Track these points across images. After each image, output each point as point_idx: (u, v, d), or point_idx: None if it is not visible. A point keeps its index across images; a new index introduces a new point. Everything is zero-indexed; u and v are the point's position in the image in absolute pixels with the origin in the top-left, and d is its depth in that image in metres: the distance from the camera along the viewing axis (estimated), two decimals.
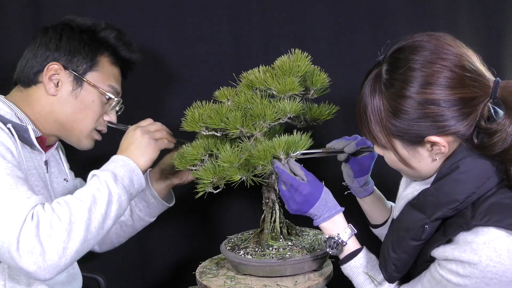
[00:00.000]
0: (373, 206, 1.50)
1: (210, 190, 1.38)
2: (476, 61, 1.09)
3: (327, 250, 1.31)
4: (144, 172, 1.39)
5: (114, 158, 1.37)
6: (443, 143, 1.08)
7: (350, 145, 1.40)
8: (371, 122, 1.13)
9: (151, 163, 1.42)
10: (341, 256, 1.31)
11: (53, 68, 1.40)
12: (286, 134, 1.37)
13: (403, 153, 1.14)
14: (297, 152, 1.34)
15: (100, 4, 1.80)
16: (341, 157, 1.44)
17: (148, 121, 1.49)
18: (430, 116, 1.06)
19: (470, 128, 1.07)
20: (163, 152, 1.60)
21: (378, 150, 1.21)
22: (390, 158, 1.18)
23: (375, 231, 1.53)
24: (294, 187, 1.29)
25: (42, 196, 1.21)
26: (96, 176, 1.28)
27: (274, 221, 1.48)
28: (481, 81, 1.06)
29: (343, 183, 1.50)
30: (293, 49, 1.44)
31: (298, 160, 1.37)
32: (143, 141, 1.40)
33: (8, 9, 1.78)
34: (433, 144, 1.09)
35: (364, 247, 1.32)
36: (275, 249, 1.43)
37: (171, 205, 1.67)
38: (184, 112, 1.46)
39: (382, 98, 1.11)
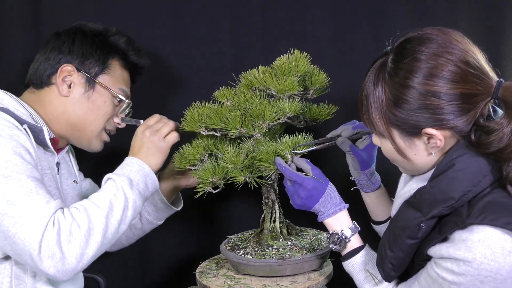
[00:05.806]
0: (377, 202, 1.49)
1: (209, 190, 1.38)
2: (481, 60, 1.10)
3: (330, 246, 1.32)
4: (156, 172, 1.41)
5: (128, 161, 1.39)
6: (440, 137, 1.09)
7: (347, 128, 1.42)
8: (372, 109, 1.14)
9: (163, 163, 1.44)
10: (344, 252, 1.32)
11: (67, 69, 1.42)
12: (287, 135, 1.37)
13: (399, 143, 1.15)
14: (299, 145, 1.36)
15: (100, 4, 1.80)
16: (343, 146, 1.42)
17: (155, 118, 1.49)
18: (430, 107, 1.07)
19: (468, 125, 1.08)
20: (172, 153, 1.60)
21: (376, 140, 1.22)
22: (386, 147, 1.19)
23: (377, 228, 1.53)
24: (298, 183, 1.31)
25: (59, 200, 1.24)
26: (112, 180, 1.30)
27: (274, 221, 1.48)
28: (484, 79, 1.07)
29: (351, 178, 1.49)
30: (292, 49, 1.44)
31: (304, 156, 1.38)
32: (153, 143, 1.42)
33: (8, 9, 1.78)
34: (429, 136, 1.10)
35: (367, 245, 1.32)
36: (275, 249, 1.43)
37: (179, 209, 1.67)
38: (183, 112, 1.46)
39: (385, 86, 1.12)
